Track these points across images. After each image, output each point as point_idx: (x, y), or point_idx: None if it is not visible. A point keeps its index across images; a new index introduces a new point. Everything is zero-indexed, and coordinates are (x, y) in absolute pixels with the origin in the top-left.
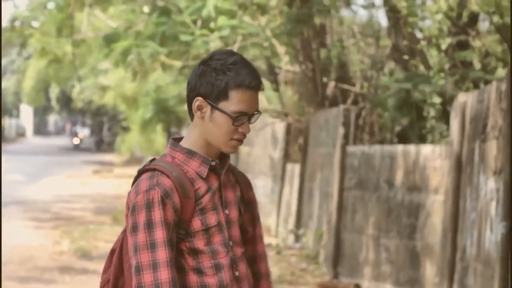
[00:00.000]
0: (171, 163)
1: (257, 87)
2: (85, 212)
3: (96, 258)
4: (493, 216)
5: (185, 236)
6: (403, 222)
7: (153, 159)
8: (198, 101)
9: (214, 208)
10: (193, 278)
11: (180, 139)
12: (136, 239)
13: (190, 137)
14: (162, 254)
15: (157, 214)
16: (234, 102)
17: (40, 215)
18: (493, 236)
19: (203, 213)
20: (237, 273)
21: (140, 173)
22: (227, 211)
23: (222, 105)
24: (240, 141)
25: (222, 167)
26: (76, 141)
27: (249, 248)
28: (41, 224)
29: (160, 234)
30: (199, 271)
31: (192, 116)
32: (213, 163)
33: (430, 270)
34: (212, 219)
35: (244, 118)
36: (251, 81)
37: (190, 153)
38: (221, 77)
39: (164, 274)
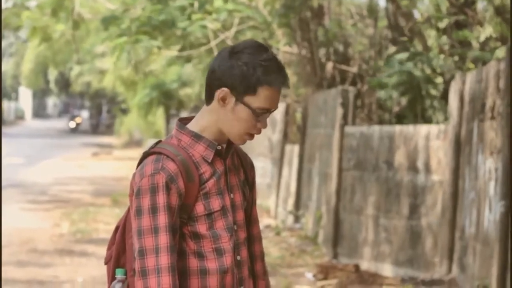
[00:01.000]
0: (177, 146)
1: (285, 86)
2: (84, 194)
3: (95, 240)
4: (492, 196)
5: (187, 220)
6: (402, 202)
7: (159, 141)
8: (223, 92)
9: (219, 193)
10: (193, 262)
11: (187, 120)
12: (140, 223)
13: (201, 122)
14: (164, 239)
15: (161, 199)
16: (261, 98)
17: (40, 197)
18: (492, 215)
19: (206, 197)
20: (238, 258)
21: (146, 155)
22: (232, 195)
23: (248, 99)
24: (253, 136)
25: (228, 152)
26: (72, 124)
27: (246, 230)
28: (40, 206)
29: (163, 219)
30: (200, 255)
31: (208, 101)
32: (219, 148)
33: (429, 250)
34: (215, 203)
35: (266, 114)
36: (281, 81)
37: (196, 137)
38: (252, 73)
39: (164, 259)
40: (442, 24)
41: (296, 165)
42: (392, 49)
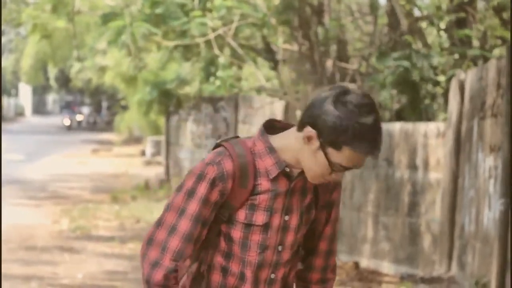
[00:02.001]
0: (248, 149)
1: (373, 155)
2: (84, 191)
3: (95, 237)
4: (491, 194)
5: (227, 221)
6: (401, 200)
7: (237, 137)
8: (310, 133)
9: (268, 210)
10: (219, 259)
11: (278, 123)
12: (174, 197)
13: (285, 141)
14: (184, 225)
15: (202, 189)
16: (343, 157)
17: (39, 194)
18: (491, 213)
19: (252, 208)
20: (273, 276)
21: (217, 145)
22: (287, 217)
23: (331, 151)
24: (328, 181)
25: (298, 175)
26: (66, 122)
27: (309, 243)
28: (40, 203)
29: (193, 207)
30: (228, 256)
31: (299, 128)
32: (287, 170)
33: (428, 248)
34: (259, 218)
35: (343, 171)
36: (370, 151)
37: (270, 150)
38: (343, 130)
39: (174, 242)
40: (443, 24)
41: None
42: (389, 44)
